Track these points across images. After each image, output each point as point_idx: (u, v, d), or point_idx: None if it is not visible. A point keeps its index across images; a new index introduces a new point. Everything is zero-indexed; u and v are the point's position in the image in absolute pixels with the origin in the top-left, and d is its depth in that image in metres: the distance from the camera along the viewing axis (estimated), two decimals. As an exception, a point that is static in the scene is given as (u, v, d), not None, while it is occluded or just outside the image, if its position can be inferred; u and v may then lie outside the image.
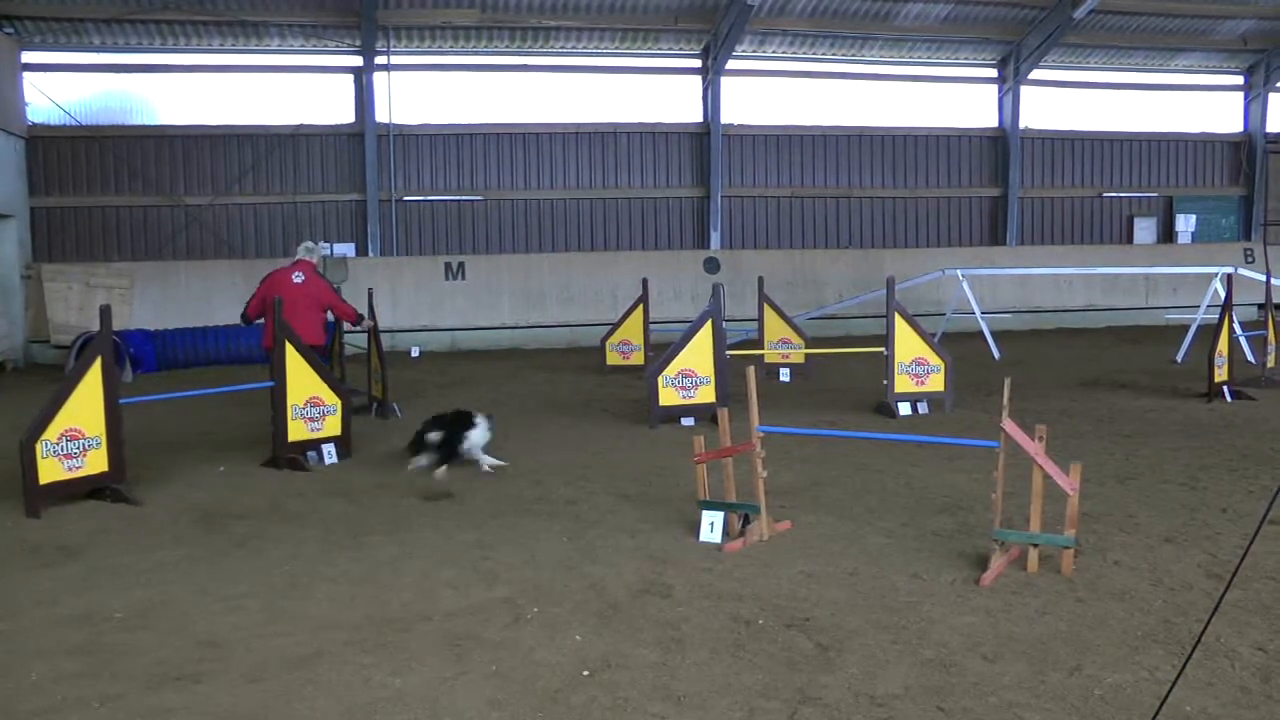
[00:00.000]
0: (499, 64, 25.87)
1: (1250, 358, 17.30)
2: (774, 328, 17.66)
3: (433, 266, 24.12)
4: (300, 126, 24.67)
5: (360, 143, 24.93)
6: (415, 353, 21.38)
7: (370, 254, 24.85)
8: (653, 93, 26.73)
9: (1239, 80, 30.53)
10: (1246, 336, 17.68)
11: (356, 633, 6.02)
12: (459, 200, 25.70)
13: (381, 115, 24.92)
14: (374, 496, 9.40)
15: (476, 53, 25.52)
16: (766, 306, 17.74)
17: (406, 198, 25.37)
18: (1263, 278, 17.17)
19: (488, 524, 8.36)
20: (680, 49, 26.48)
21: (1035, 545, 6.95)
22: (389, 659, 5.63)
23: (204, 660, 5.64)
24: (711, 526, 7.75)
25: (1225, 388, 14.41)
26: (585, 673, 5.42)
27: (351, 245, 24.86)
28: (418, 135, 25.38)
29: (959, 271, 21.78)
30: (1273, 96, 30.23)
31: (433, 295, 23.78)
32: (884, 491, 9.30)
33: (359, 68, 24.80)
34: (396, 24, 24.22)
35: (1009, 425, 6.84)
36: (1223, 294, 15.53)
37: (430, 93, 25.54)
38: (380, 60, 24.67)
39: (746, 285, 21.15)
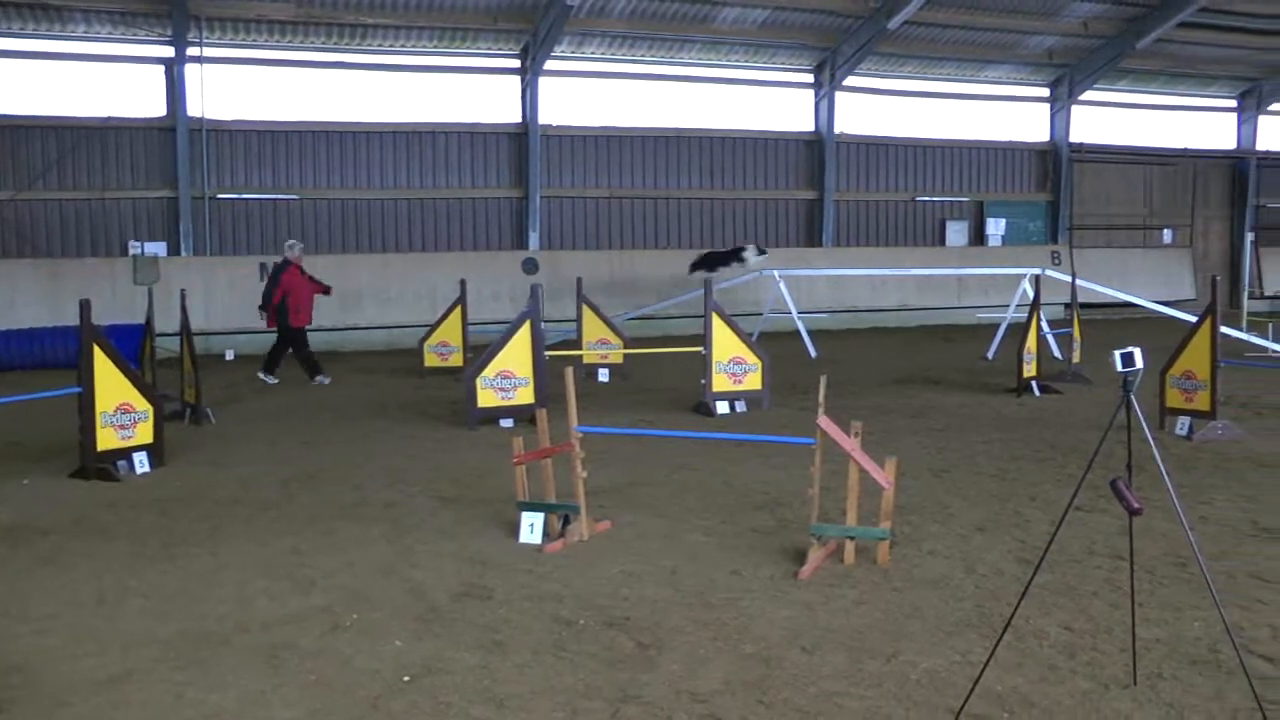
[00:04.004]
0: (316, 60, 25.32)
1: (1057, 354, 18.07)
2: (592, 328, 17.73)
3: (247, 267, 23.53)
4: (109, 119, 23.78)
5: (172, 137, 24.10)
6: (230, 355, 20.79)
7: (183, 253, 24.06)
8: (471, 93, 26.51)
9: (1045, 92, 31.79)
10: (1053, 334, 18.41)
11: (169, 649, 5.84)
12: (274, 199, 25.14)
13: (194, 110, 24.13)
14: (188, 506, 9.13)
15: (293, 48, 24.93)
16: (585, 307, 17.80)
17: (220, 195, 24.68)
18: (1069, 278, 17.86)
19: (305, 531, 8.21)
20: (499, 49, 26.32)
21: (852, 538, 7.12)
22: (204, 674, 5.48)
23: (7, 687, 5.39)
24: (531, 528, 7.75)
25: (1033, 383, 15.00)
26: (406, 678, 5.37)
27: (163, 244, 24.02)
28: (232, 131, 24.70)
29: (775, 272, 22.10)
30: (1075, 108, 31.55)
31: (247, 296, 23.15)
32: (703, 490, 9.41)
33: (170, 59, 23.93)
34: (209, 14, 23.50)
35: (825, 422, 6.98)
36: (1031, 294, 16.11)
37: (245, 88, 24.82)
38: (192, 52, 23.86)
39: (565, 286, 21.13)
